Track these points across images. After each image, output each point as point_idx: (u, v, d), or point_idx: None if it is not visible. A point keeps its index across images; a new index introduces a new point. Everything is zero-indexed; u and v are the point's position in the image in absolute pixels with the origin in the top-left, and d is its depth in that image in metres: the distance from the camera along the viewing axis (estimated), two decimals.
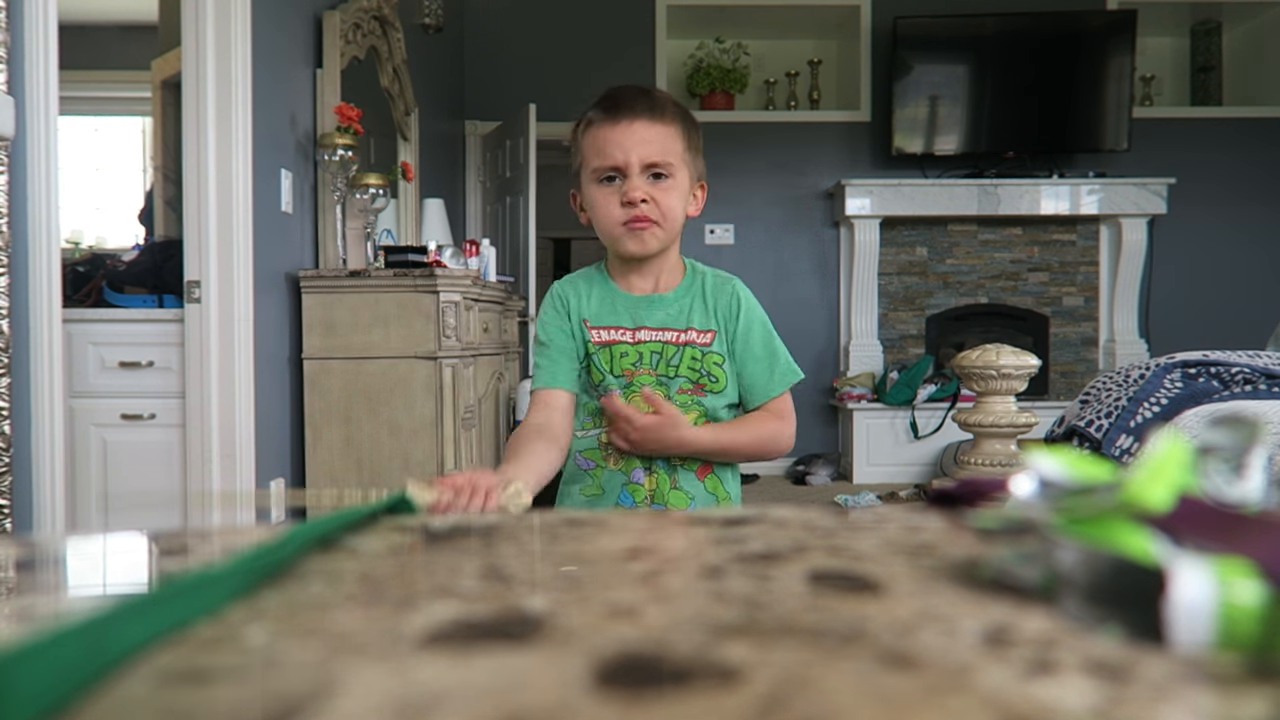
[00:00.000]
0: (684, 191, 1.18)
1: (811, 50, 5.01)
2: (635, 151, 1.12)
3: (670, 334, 1.19)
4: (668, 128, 1.15)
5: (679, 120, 1.17)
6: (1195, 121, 4.85)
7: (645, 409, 1.14)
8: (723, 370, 1.20)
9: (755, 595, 0.25)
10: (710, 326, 1.21)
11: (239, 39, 2.36)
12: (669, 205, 1.15)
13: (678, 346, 1.19)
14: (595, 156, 1.15)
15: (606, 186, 1.15)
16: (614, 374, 1.18)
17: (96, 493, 2.39)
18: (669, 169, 1.15)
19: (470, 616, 0.24)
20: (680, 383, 1.18)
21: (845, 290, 4.81)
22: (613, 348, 1.19)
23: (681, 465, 1.19)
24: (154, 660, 0.20)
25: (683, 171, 1.17)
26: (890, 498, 3.94)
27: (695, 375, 1.18)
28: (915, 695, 0.18)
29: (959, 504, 0.38)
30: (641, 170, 1.13)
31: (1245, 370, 1.88)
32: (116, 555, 0.37)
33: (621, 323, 1.20)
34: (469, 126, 4.88)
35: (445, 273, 2.61)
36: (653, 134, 1.13)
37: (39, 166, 1.69)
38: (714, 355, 1.20)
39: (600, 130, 1.14)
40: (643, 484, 1.19)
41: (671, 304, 1.21)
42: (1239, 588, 0.20)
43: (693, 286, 1.23)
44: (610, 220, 1.16)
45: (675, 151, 1.15)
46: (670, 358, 1.18)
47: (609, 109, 1.15)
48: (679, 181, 1.16)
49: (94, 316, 2.39)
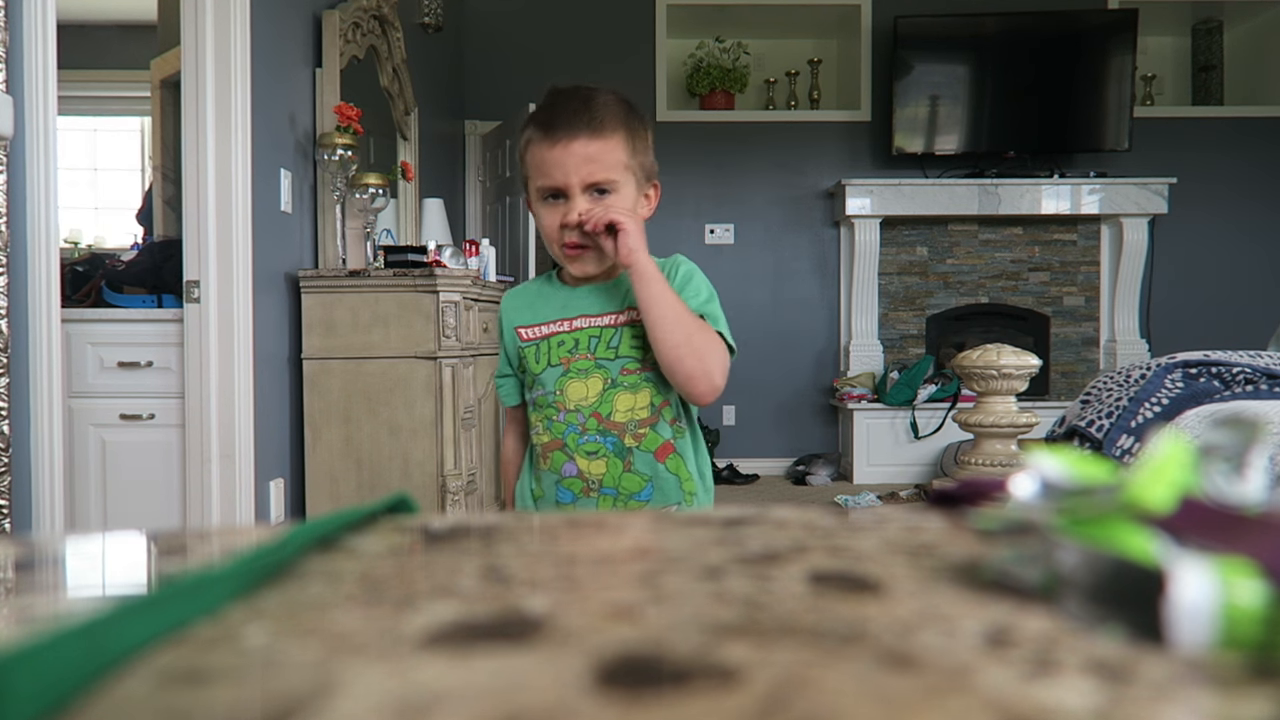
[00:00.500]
0: (629, 202, 1.14)
1: (811, 50, 5.01)
2: (575, 173, 1.09)
3: (608, 317, 1.17)
4: (608, 141, 1.10)
5: (621, 129, 1.12)
6: (1196, 121, 4.85)
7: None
8: None
9: (755, 595, 0.25)
10: None
11: (238, 39, 2.36)
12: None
13: (616, 329, 1.16)
14: (537, 176, 1.13)
15: (551, 204, 1.13)
16: (551, 363, 1.17)
17: (96, 493, 2.39)
18: (612, 185, 1.11)
19: (470, 616, 0.24)
20: (624, 362, 1.16)
21: (845, 290, 4.81)
22: (550, 339, 1.18)
23: (636, 447, 1.15)
24: (154, 660, 0.20)
25: (628, 183, 1.13)
26: (890, 498, 3.94)
27: (640, 352, 1.15)
28: (915, 695, 0.18)
29: (959, 504, 0.38)
30: (584, 189, 1.11)
31: (1246, 370, 1.88)
32: (116, 555, 0.37)
33: (558, 315, 1.19)
34: (469, 126, 4.88)
35: (445, 273, 2.61)
36: (593, 150, 1.09)
37: (38, 166, 1.69)
38: None
39: (539, 150, 1.11)
40: (577, 476, 1.16)
41: (610, 290, 1.19)
42: (1240, 588, 0.20)
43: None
44: (552, 238, 1.15)
45: (618, 166, 1.11)
46: (610, 340, 1.16)
47: (547, 128, 1.11)
48: (623, 194, 1.13)
49: (93, 316, 2.39)
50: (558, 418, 1.17)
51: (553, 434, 1.17)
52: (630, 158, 1.13)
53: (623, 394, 1.15)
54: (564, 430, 1.16)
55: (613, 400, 1.15)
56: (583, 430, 1.16)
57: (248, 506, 2.38)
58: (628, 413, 1.15)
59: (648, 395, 1.16)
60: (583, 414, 1.16)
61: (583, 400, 1.16)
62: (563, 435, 1.16)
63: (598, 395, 1.15)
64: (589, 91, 1.13)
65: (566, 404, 1.16)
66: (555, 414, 1.17)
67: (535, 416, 1.20)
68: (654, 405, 1.16)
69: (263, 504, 2.48)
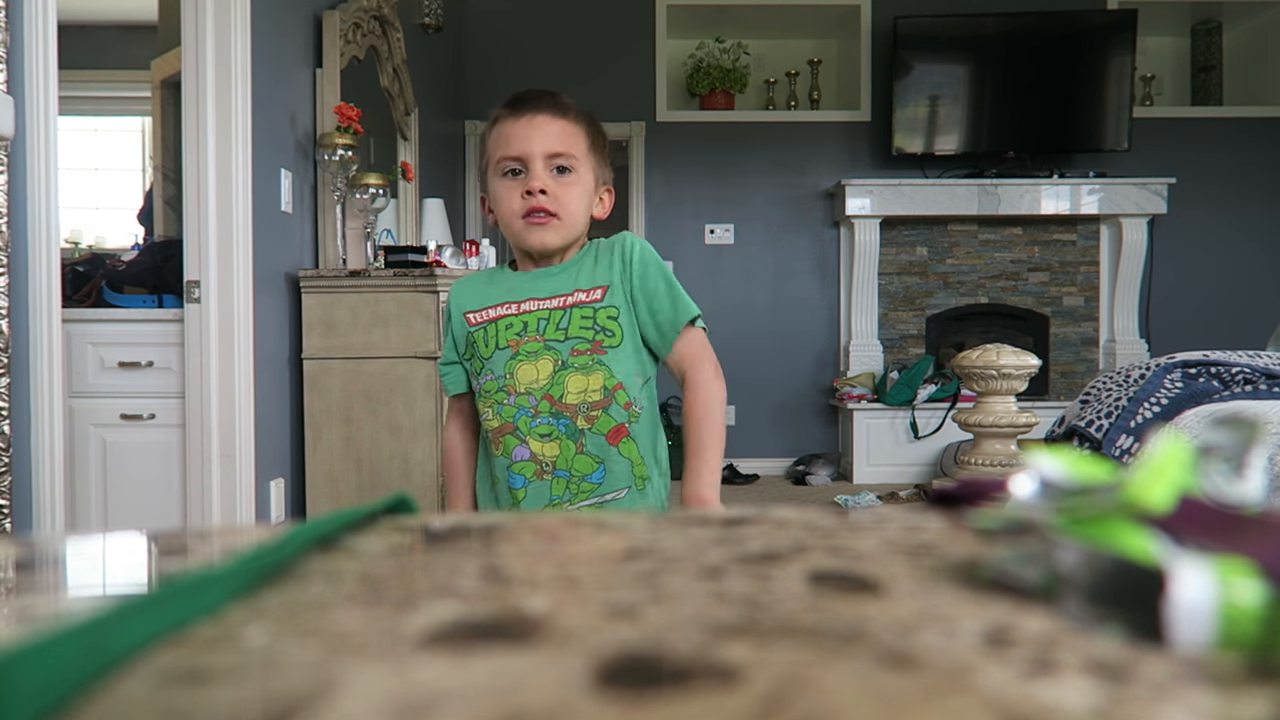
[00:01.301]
0: (587, 189, 1.18)
1: (811, 50, 5.01)
2: (538, 143, 1.14)
3: (556, 300, 1.18)
4: (571, 125, 1.16)
5: (583, 122, 1.18)
6: (1195, 121, 4.85)
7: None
8: (618, 324, 1.17)
9: (755, 595, 0.25)
10: (599, 282, 1.18)
11: (239, 39, 2.36)
12: (569, 200, 1.16)
13: (565, 310, 1.17)
14: (498, 149, 1.17)
15: (510, 180, 1.16)
16: (499, 346, 1.17)
17: (96, 493, 2.39)
18: (572, 163, 1.16)
19: (470, 616, 0.24)
20: (574, 344, 1.15)
21: (845, 290, 4.81)
22: (497, 322, 1.18)
23: (589, 429, 1.15)
24: (154, 660, 0.20)
25: (586, 170, 1.17)
26: (890, 498, 3.94)
27: (590, 334, 1.15)
28: (915, 695, 0.18)
29: (959, 504, 0.38)
30: (544, 162, 1.14)
31: (1245, 370, 1.88)
32: (116, 555, 0.37)
33: (507, 298, 1.19)
34: (469, 126, 4.88)
35: (445, 273, 2.61)
36: (555, 127, 1.15)
37: (39, 166, 1.69)
38: (607, 309, 1.17)
39: (504, 125, 1.17)
40: (530, 459, 1.15)
41: (559, 274, 1.20)
42: (1239, 588, 0.20)
43: (585, 256, 1.21)
44: (511, 212, 1.16)
45: (579, 148, 1.16)
46: (559, 321, 1.16)
47: (513, 105, 1.17)
48: (581, 177, 1.17)
49: (93, 316, 2.39)
50: (508, 401, 1.16)
51: (503, 418, 1.16)
52: (589, 149, 1.18)
53: (574, 375, 1.14)
54: (514, 414, 1.15)
55: (564, 382, 1.14)
56: (535, 413, 1.15)
57: (248, 506, 2.38)
58: (580, 394, 1.14)
59: (600, 378, 1.15)
60: (534, 396, 1.15)
61: (533, 383, 1.15)
62: (513, 419, 1.15)
63: (548, 377, 1.14)
64: (555, 90, 1.21)
65: (517, 387, 1.15)
66: (505, 398, 1.16)
67: (484, 404, 1.19)
68: (607, 388, 1.15)
69: (263, 504, 2.48)
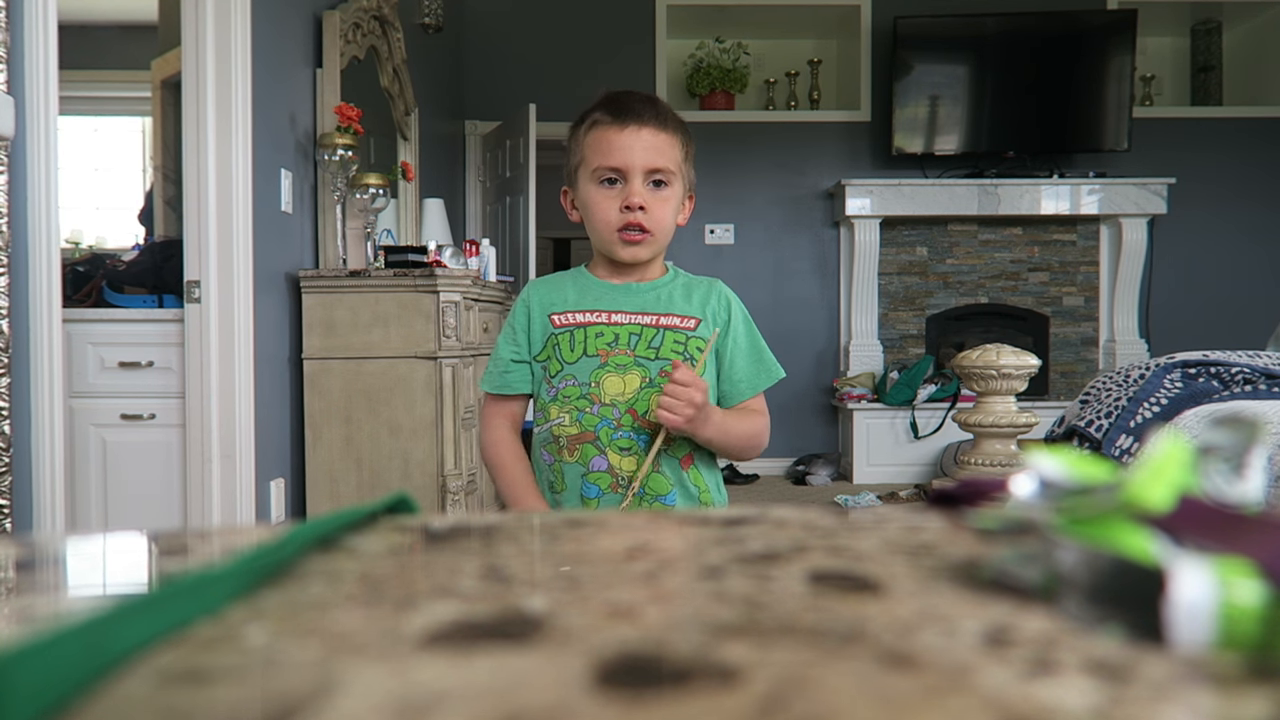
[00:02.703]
0: (678, 201, 1.19)
1: (811, 50, 5.01)
2: (640, 157, 1.14)
3: (648, 317, 1.18)
4: (671, 137, 1.16)
5: (680, 131, 1.19)
6: (1195, 121, 4.85)
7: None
8: (703, 357, 1.18)
9: (755, 595, 0.25)
10: (693, 313, 1.20)
11: (239, 39, 2.36)
12: (663, 215, 1.16)
13: (658, 329, 1.17)
14: (598, 157, 1.15)
15: (606, 189, 1.16)
16: (587, 353, 1.17)
17: (96, 493, 2.39)
18: (669, 177, 1.16)
19: (470, 616, 0.24)
20: (664, 364, 1.16)
21: (845, 290, 4.81)
22: (586, 329, 1.18)
23: (666, 450, 1.16)
24: (154, 660, 0.20)
25: (679, 182, 1.18)
26: (890, 498, 3.94)
27: (680, 358, 1.16)
28: (915, 695, 0.18)
29: (959, 504, 0.38)
30: (643, 176, 1.14)
31: (1245, 370, 1.88)
32: (116, 555, 0.37)
33: (597, 306, 1.20)
34: (469, 126, 4.88)
35: (445, 273, 2.61)
36: (658, 141, 1.15)
37: (39, 166, 1.69)
38: (698, 340, 1.18)
39: (606, 132, 1.15)
40: (606, 470, 1.15)
41: (648, 291, 1.20)
42: (1239, 588, 0.20)
43: (674, 281, 1.23)
44: (606, 224, 1.16)
45: (675, 160, 1.17)
46: (651, 339, 1.17)
47: (616, 112, 1.15)
48: (675, 191, 1.17)
49: (94, 316, 2.39)
50: (591, 410, 1.15)
51: (584, 426, 1.15)
52: (683, 161, 1.19)
53: (659, 396, 1.14)
54: (597, 423, 1.15)
55: (649, 400, 1.14)
56: (617, 425, 1.15)
57: (248, 506, 2.38)
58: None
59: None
60: (618, 409, 1.15)
61: (619, 395, 1.15)
62: (595, 428, 1.15)
63: (634, 392, 1.14)
64: (653, 95, 1.22)
65: (602, 397, 1.15)
66: (589, 405, 1.15)
67: (557, 408, 1.18)
68: None
69: (263, 504, 2.48)
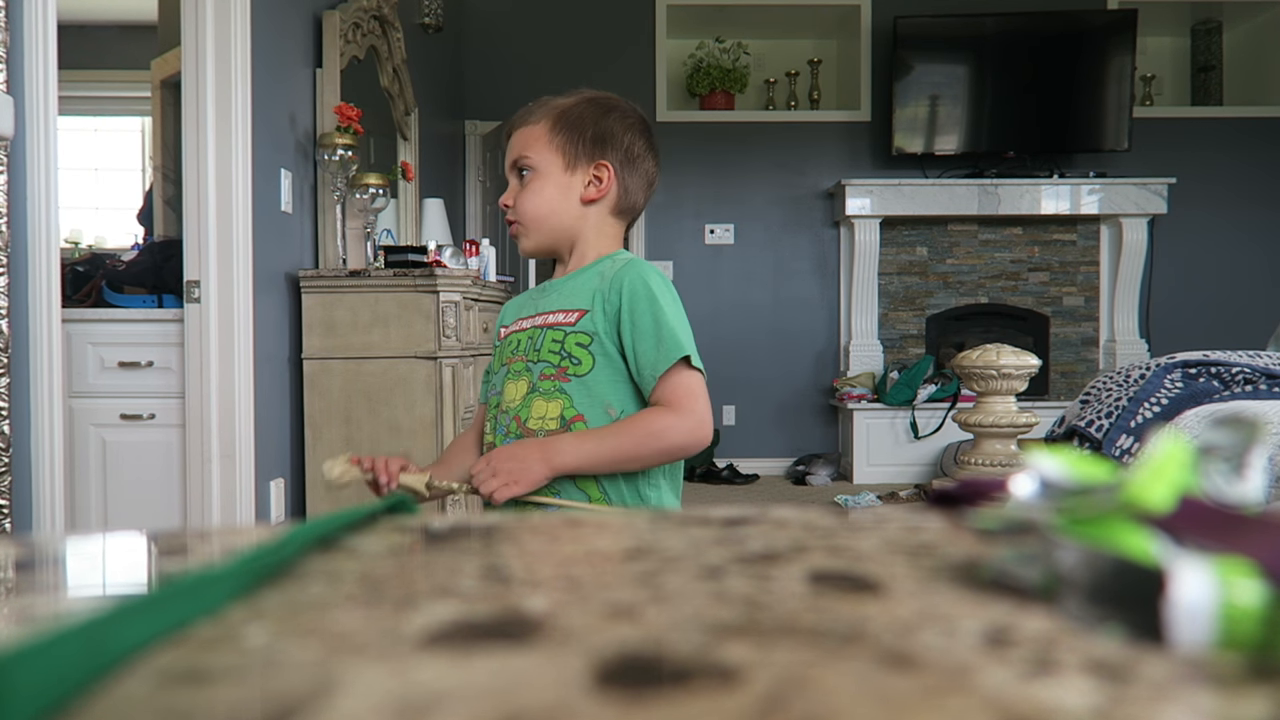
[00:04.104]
0: (552, 182, 1.16)
1: (811, 50, 5.02)
2: (508, 158, 1.20)
3: (538, 318, 1.17)
4: (534, 126, 1.18)
5: (548, 116, 1.18)
6: (1195, 121, 4.85)
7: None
8: (588, 352, 1.10)
9: (755, 595, 0.25)
10: (579, 305, 1.13)
11: (239, 39, 2.36)
12: (524, 204, 1.18)
13: (542, 329, 1.14)
14: None
15: None
16: (503, 363, 1.18)
17: (96, 493, 2.39)
18: (528, 163, 1.17)
19: (470, 616, 0.24)
20: (542, 367, 1.12)
21: (845, 290, 4.81)
22: (506, 340, 1.20)
23: None
24: (154, 660, 0.20)
25: (547, 161, 1.16)
26: (890, 498, 3.94)
27: (556, 359, 1.11)
28: (915, 695, 0.18)
29: (959, 504, 0.38)
30: (514, 176, 1.19)
31: (1245, 370, 1.88)
32: (116, 555, 0.37)
33: (521, 314, 1.21)
34: (469, 126, 4.88)
35: (445, 273, 2.61)
36: (520, 137, 1.19)
37: (38, 166, 1.69)
38: (577, 335, 1.11)
39: None
40: None
41: (563, 286, 1.18)
42: (1239, 588, 0.20)
43: (590, 270, 1.16)
44: None
45: (535, 144, 1.17)
46: (536, 341, 1.14)
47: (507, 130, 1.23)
48: (541, 172, 1.17)
49: (93, 316, 2.39)
50: (499, 419, 1.16)
51: (496, 436, 1.16)
52: (549, 141, 1.17)
53: (539, 400, 1.11)
54: (499, 431, 1.16)
55: (530, 405, 1.11)
56: (508, 433, 1.14)
57: (248, 506, 2.38)
58: (540, 420, 1.10)
59: (559, 406, 1.10)
60: (508, 415, 1.14)
61: (512, 402, 1.14)
62: (496, 437, 1.16)
63: (521, 399, 1.12)
64: (543, 97, 1.23)
65: (505, 405, 1.15)
66: (502, 415, 1.16)
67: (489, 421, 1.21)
68: (564, 418, 1.09)
69: (263, 504, 2.48)
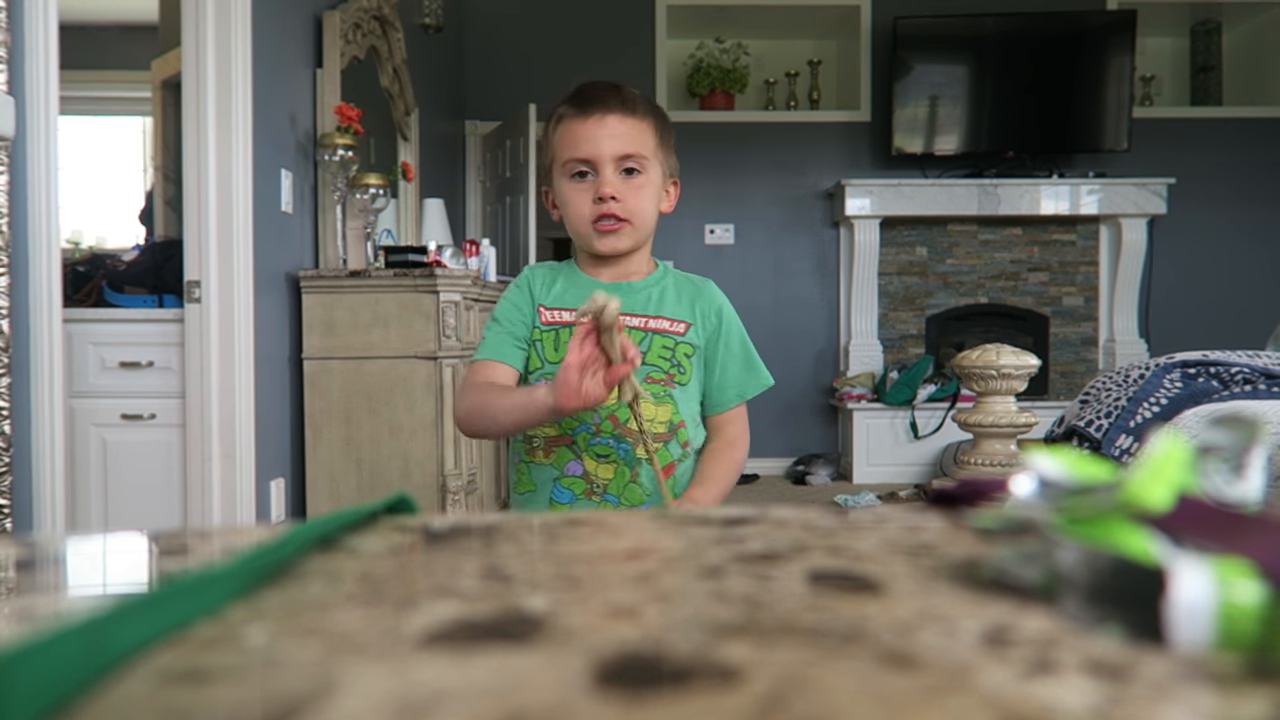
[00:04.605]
0: (656, 188, 1.14)
1: (811, 50, 5.01)
2: (608, 145, 1.10)
3: (636, 319, 1.14)
4: (640, 122, 1.12)
5: (651, 115, 1.14)
6: (1195, 121, 4.85)
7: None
8: (691, 363, 1.14)
9: (755, 595, 0.25)
10: (682, 317, 1.15)
11: (239, 39, 2.36)
12: (639, 204, 1.12)
13: (645, 333, 1.13)
14: (566, 150, 1.12)
15: (578, 182, 1.12)
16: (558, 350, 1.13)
17: (96, 493, 2.39)
18: (641, 164, 1.12)
19: (470, 616, 0.24)
20: (650, 370, 1.11)
21: (845, 290, 4.81)
22: (572, 328, 1.12)
23: (646, 460, 1.10)
24: (154, 660, 0.20)
25: (655, 168, 1.14)
26: (890, 498, 3.94)
27: (667, 365, 1.12)
28: (915, 695, 0.18)
29: (959, 504, 0.38)
30: (614, 165, 1.10)
31: (1245, 370, 1.88)
32: (116, 555, 0.37)
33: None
34: (469, 126, 4.88)
35: (445, 273, 2.61)
36: (624, 128, 1.11)
37: (39, 166, 1.69)
38: (685, 346, 1.14)
39: (572, 124, 1.12)
40: (581, 476, 1.11)
41: (639, 291, 1.16)
42: (1239, 588, 0.20)
43: (663, 279, 1.18)
44: (581, 217, 1.12)
45: (648, 146, 1.12)
46: (638, 343, 1.11)
47: (580, 103, 1.12)
48: (651, 178, 1.13)
49: (94, 316, 2.39)
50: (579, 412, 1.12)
51: (561, 429, 1.11)
52: (658, 145, 1.14)
53: (645, 403, 1.08)
54: (575, 427, 1.11)
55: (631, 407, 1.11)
56: (596, 431, 1.10)
57: (248, 506, 2.38)
58: (647, 423, 1.07)
59: (669, 411, 1.12)
60: (599, 414, 1.10)
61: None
62: (573, 432, 1.11)
63: (616, 399, 1.07)
64: (620, 82, 1.16)
65: None
66: None
67: None
68: (672, 423, 1.12)
69: (263, 504, 2.48)
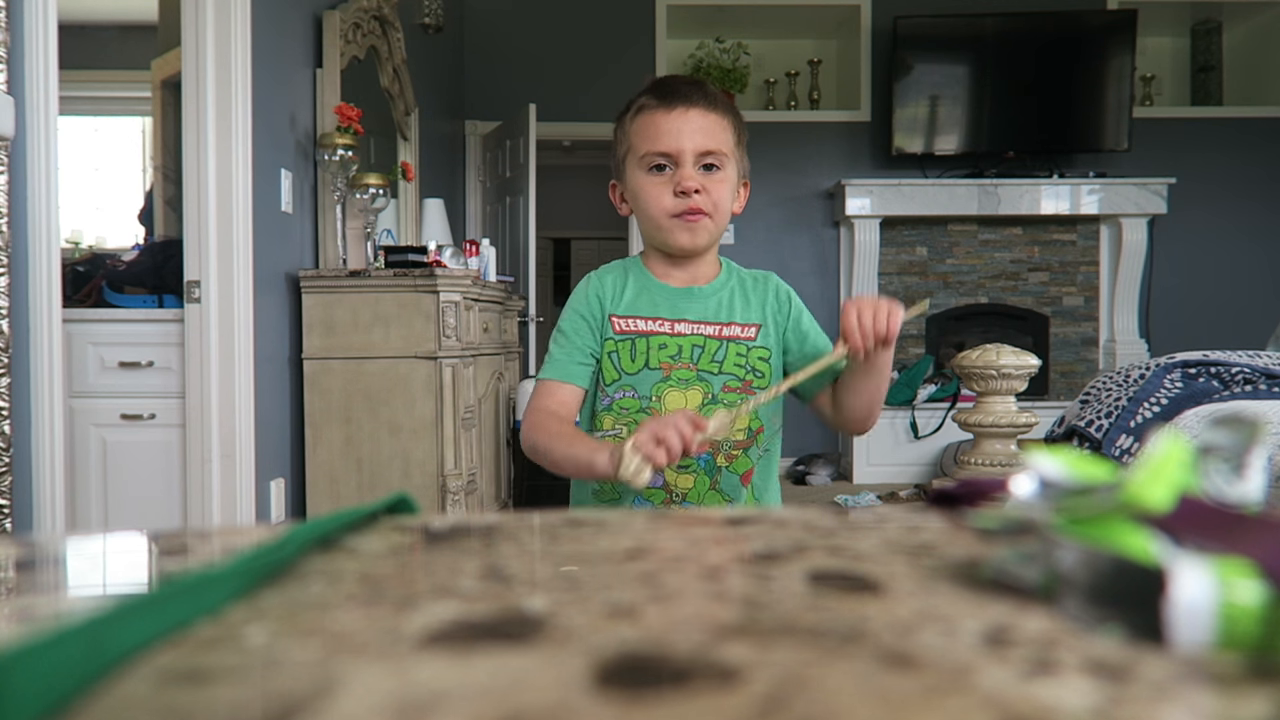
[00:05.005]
0: (733, 185, 1.14)
1: (811, 50, 5.01)
2: (690, 139, 1.08)
3: (711, 327, 1.13)
4: (721, 119, 1.11)
5: (731, 114, 1.13)
6: (1195, 121, 4.85)
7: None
8: (768, 365, 1.14)
9: (755, 595, 0.25)
10: (752, 319, 1.15)
11: (239, 39, 2.36)
12: (720, 197, 1.11)
13: (720, 341, 1.13)
14: (646, 143, 1.10)
15: (656, 175, 1.11)
16: (649, 366, 1.12)
17: (96, 493, 2.39)
18: (721, 160, 1.11)
19: (470, 616, 0.24)
20: (726, 379, 1.11)
21: (845, 290, 4.81)
22: (649, 338, 1.12)
23: (727, 467, 1.11)
24: (154, 660, 0.20)
25: (732, 165, 1.13)
26: (890, 498, 3.94)
27: (742, 372, 1.12)
28: (915, 695, 0.18)
29: (959, 504, 0.38)
30: (695, 160, 1.09)
31: (1245, 370, 1.88)
32: (116, 555, 0.37)
33: (660, 314, 1.14)
34: (469, 126, 4.88)
35: (445, 273, 2.61)
36: (708, 123, 1.10)
37: (39, 166, 1.69)
38: (759, 350, 1.14)
39: (653, 116, 1.10)
40: (661, 488, 1.10)
41: (709, 296, 1.15)
42: (1239, 588, 0.20)
43: (729, 280, 1.18)
44: (660, 210, 1.11)
45: (727, 143, 1.11)
46: (714, 353, 1.11)
47: (663, 95, 1.10)
48: (729, 175, 1.12)
49: (94, 316, 2.39)
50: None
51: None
52: (735, 145, 1.14)
53: (723, 411, 1.07)
54: None
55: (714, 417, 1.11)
56: None
57: (248, 506, 2.38)
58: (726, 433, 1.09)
59: (747, 418, 1.11)
60: None
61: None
62: None
63: (697, 409, 1.08)
64: (701, 79, 1.16)
65: (662, 412, 1.09)
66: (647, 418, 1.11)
67: (613, 419, 1.13)
68: (751, 429, 1.12)
69: (263, 504, 2.48)
